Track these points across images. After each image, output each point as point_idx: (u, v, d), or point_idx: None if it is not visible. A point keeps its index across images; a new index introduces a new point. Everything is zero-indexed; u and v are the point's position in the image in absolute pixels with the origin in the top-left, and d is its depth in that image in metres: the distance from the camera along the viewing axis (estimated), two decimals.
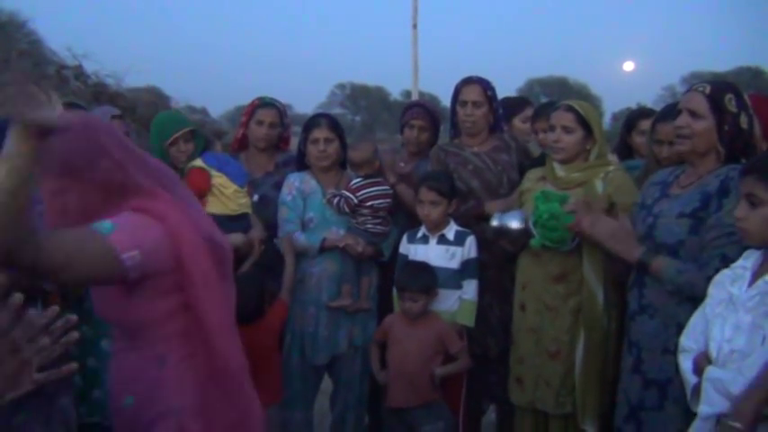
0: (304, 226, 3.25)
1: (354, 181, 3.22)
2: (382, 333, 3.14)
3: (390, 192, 3.28)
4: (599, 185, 2.81)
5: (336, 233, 3.22)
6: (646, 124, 3.33)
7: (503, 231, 2.90)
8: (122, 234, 1.54)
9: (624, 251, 2.41)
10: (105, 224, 1.54)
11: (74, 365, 1.15)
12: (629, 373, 2.47)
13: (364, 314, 3.29)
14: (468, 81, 3.38)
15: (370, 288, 3.31)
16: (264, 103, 3.49)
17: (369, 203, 3.19)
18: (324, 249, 3.18)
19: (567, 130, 2.84)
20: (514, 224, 2.83)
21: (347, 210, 3.19)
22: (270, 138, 3.48)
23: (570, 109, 2.86)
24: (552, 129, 2.89)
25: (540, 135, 3.68)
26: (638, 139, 3.47)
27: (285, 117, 3.58)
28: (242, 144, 3.55)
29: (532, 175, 3.06)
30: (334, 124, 3.32)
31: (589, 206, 2.62)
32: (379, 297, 3.37)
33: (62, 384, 2.27)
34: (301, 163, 3.37)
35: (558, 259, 2.82)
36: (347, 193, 3.18)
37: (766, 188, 1.84)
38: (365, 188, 3.19)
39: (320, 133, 3.25)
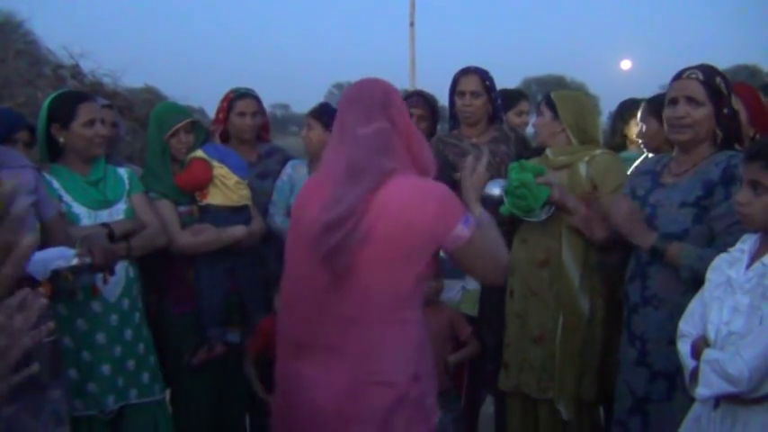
0: (287, 213, 3.28)
1: None
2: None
3: None
4: (582, 169, 2.87)
5: None
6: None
7: (484, 199, 2.95)
8: None
9: (638, 236, 2.36)
10: None
11: (50, 325, 1.19)
12: (632, 366, 2.45)
13: None
14: (465, 71, 3.40)
15: None
16: (241, 94, 3.47)
17: None
18: None
19: (539, 112, 3.05)
20: (496, 191, 2.89)
21: None
22: (254, 127, 3.49)
23: (546, 95, 3.06)
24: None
25: None
26: (637, 130, 3.52)
27: (262, 104, 3.58)
28: (222, 140, 3.52)
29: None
30: (318, 112, 3.39)
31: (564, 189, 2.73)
32: None
33: (53, 377, 2.27)
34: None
35: (542, 245, 2.87)
36: None
37: None
38: None
39: (305, 120, 3.39)
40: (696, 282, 2.21)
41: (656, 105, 3.18)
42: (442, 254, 3.10)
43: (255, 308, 3.17)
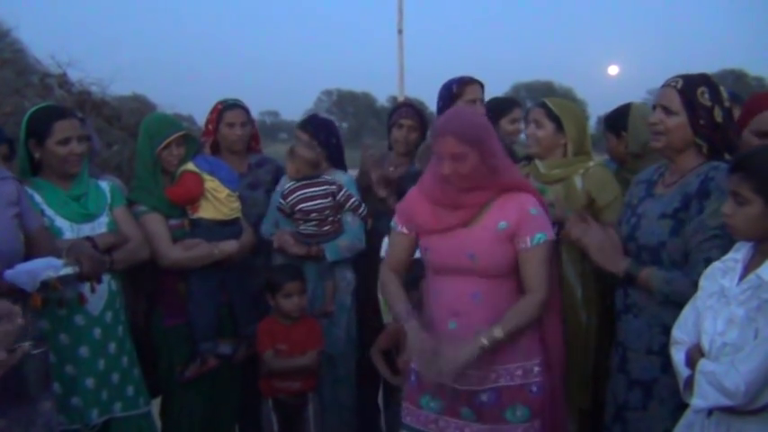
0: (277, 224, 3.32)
1: (286, 186, 3.22)
2: (390, 339, 3.10)
3: (328, 191, 3.23)
4: (578, 182, 2.84)
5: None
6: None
7: None
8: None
9: (610, 265, 2.38)
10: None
11: (26, 345, 1.22)
12: (615, 373, 2.47)
13: (326, 320, 3.26)
14: (470, 81, 3.44)
15: (333, 292, 3.28)
16: (229, 105, 3.46)
17: (298, 207, 3.18)
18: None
19: (538, 124, 2.92)
20: None
21: (282, 214, 3.23)
22: (244, 138, 3.48)
23: (543, 105, 2.94)
24: (528, 124, 3.00)
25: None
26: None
27: (250, 114, 3.58)
28: (212, 151, 3.50)
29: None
30: (305, 127, 3.41)
31: (571, 208, 2.63)
32: (357, 301, 3.36)
33: (43, 389, 2.24)
34: None
35: None
36: (280, 199, 3.20)
37: (750, 188, 1.84)
38: (294, 192, 3.19)
39: (295, 131, 3.41)
40: (671, 302, 2.22)
41: (610, 121, 3.23)
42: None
43: (246, 320, 3.15)
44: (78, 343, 2.63)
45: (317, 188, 3.22)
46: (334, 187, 3.24)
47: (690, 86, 2.29)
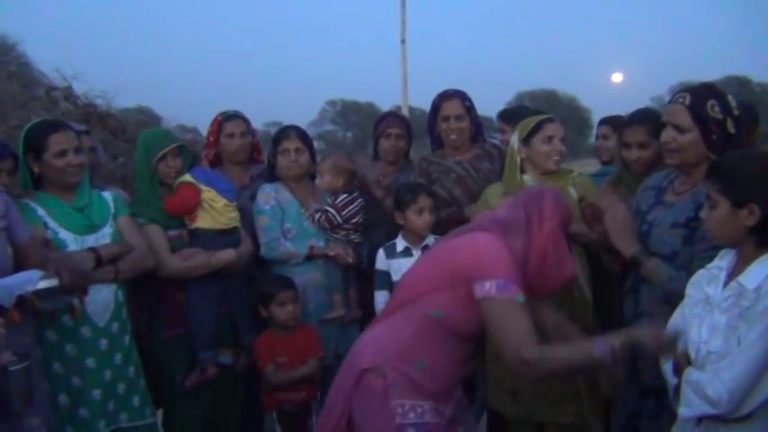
0: (283, 236, 3.25)
1: (341, 198, 3.22)
2: None
3: (364, 205, 3.29)
4: (572, 192, 2.83)
5: (316, 244, 3.24)
6: (604, 130, 3.59)
7: None
8: None
9: (622, 245, 2.37)
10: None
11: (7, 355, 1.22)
12: (625, 382, 2.46)
13: (350, 324, 3.29)
14: (446, 96, 3.44)
15: (357, 297, 3.31)
16: (229, 116, 3.51)
17: (353, 220, 3.23)
18: (310, 258, 3.20)
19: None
20: None
21: (327, 227, 3.21)
22: (245, 148, 3.51)
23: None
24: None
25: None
26: (598, 143, 3.65)
27: (251, 125, 3.61)
28: (213, 163, 3.52)
29: (495, 190, 3.01)
30: (303, 135, 3.37)
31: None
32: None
33: (28, 404, 2.22)
34: (272, 175, 3.37)
35: None
36: (332, 211, 3.19)
37: (717, 190, 1.87)
38: (349, 205, 3.22)
39: (290, 144, 3.30)
40: (670, 299, 2.22)
41: (652, 123, 3.14)
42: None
43: (246, 329, 3.17)
44: (85, 354, 2.64)
45: (361, 199, 3.28)
46: (364, 202, 3.31)
47: (699, 101, 2.26)
